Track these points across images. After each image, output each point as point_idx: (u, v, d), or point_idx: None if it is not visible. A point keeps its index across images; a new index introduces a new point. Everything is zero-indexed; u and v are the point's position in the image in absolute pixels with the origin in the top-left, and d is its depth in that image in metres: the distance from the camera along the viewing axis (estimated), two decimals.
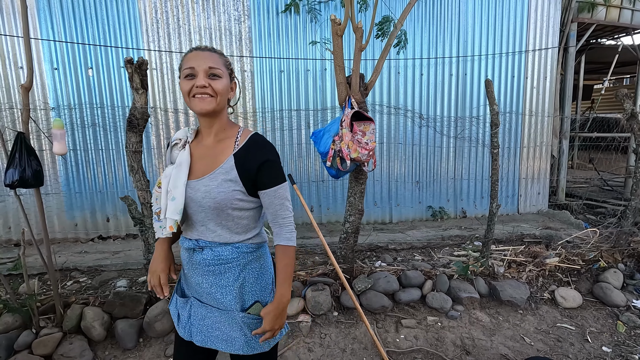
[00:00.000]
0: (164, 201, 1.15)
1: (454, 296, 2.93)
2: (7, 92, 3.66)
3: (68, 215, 3.95)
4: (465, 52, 4.60)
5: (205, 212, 1.14)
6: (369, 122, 2.49)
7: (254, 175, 1.13)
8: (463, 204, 4.94)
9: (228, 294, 1.19)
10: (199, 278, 1.20)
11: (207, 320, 1.21)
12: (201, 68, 1.10)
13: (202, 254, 1.17)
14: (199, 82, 1.09)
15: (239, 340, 1.19)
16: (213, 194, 1.11)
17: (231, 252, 1.17)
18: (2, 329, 2.30)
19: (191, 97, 1.12)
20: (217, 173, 1.13)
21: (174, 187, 1.13)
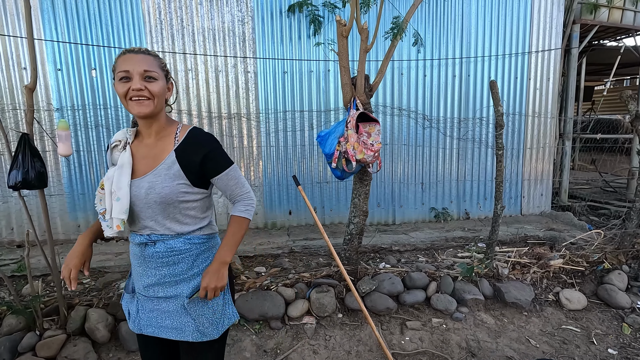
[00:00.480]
0: (108, 202, 1.17)
1: (459, 298, 2.92)
2: (10, 93, 3.66)
3: (71, 217, 3.94)
4: (468, 54, 4.60)
5: (152, 208, 1.17)
6: (374, 123, 2.49)
7: (197, 167, 1.19)
8: (466, 205, 4.93)
9: (181, 282, 1.23)
10: (152, 271, 1.22)
11: (154, 312, 1.24)
12: (136, 71, 1.11)
13: (154, 248, 1.20)
14: (135, 85, 1.11)
15: (189, 327, 1.22)
16: (158, 189, 1.15)
17: (183, 243, 1.22)
18: (5, 330, 2.29)
19: (128, 100, 1.14)
20: (159, 169, 1.17)
21: (118, 188, 1.15)
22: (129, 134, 1.24)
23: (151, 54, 1.17)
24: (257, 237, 4.12)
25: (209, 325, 1.23)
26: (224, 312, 1.27)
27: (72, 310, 2.41)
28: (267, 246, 3.76)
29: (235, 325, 2.56)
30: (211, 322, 1.24)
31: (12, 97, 3.66)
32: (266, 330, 2.57)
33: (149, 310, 1.26)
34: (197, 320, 1.22)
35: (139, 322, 1.27)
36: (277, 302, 2.64)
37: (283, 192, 4.39)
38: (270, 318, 2.60)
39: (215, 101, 4.09)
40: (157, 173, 1.17)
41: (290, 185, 4.36)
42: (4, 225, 3.83)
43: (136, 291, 1.29)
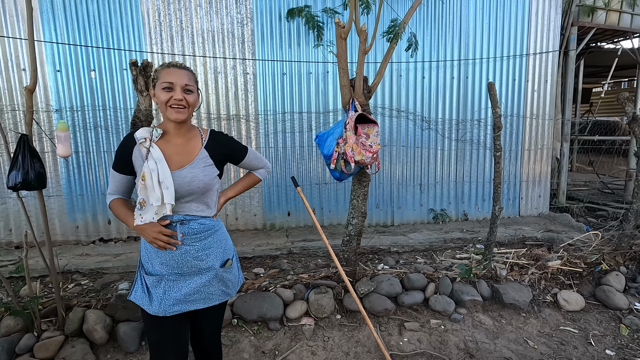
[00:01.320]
0: (157, 192, 1.32)
1: (457, 299, 2.92)
2: (9, 94, 3.66)
3: (69, 218, 3.93)
4: (466, 56, 4.62)
5: (193, 194, 1.40)
6: (372, 125, 2.49)
7: (223, 158, 1.51)
8: (464, 206, 4.94)
9: (211, 254, 1.47)
10: (186, 247, 1.41)
11: (184, 290, 1.41)
12: (179, 84, 1.34)
13: (189, 225, 1.42)
14: (177, 95, 1.34)
15: (216, 293, 1.48)
16: (200, 177, 1.39)
17: (209, 221, 1.48)
18: (3, 332, 2.28)
19: (168, 107, 1.35)
20: (196, 162, 1.41)
21: (165, 178, 1.33)
22: (156, 133, 1.40)
23: (190, 70, 1.41)
24: (255, 238, 4.12)
25: (232, 286, 1.55)
26: (239, 275, 1.62)
27: (70, 312, 2.41)
28: (266, 247, 3.76)
29: (233, 326, 2.56)
30: (233, 283, 1.56)
31: (11, 98, 3.66)
32: (265, 332, 2.57)
33: (177, 289, 1.41)
34: (224, 284, 1.51)
35: (165, 303, 1.39)
36: (275, 303, 2.64)
37: (282, 193, 4.39)
38: (268, 319, 2.60)
39: (215, 102, 4.09)
40: (194, 165, 1.41)
41: (289, 187, 4.36)
42: (2, 226, 3.82)
43: (165, 273, 1.42)
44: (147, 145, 1.37)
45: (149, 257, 1.45)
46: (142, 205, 1.37)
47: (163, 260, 1.41)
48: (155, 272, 1.43)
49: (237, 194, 1.69)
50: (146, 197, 1.35)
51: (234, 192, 1.67)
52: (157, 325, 1.42)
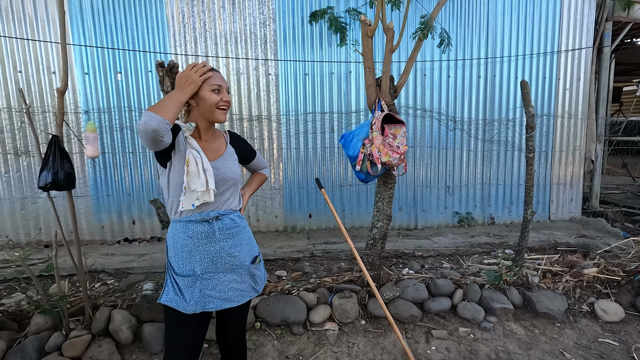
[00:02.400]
0: (202, 177, 1.36)
1: (486, 306, 2.80)
2: (40, 96, 3.76)
3: (95, 218, 4.01)
4: (494, 54, 4.46)
5: (226, 184, 1.47)
6: (399, 125, 2.42)
7: (243, 155, 1.65)
8: (491, 209, 4.77)
9: (242, 250, 1.51)
10: (221, 243, 1.45)
11: (219, 287, 1.45)
12: (224, 87, 1.44)
13: (222, 222, 1.46)
14: (226, 97, 1.43)
15: (247, 289, 1.52)
16: (232, 168, 1.50)
17: (238, 217, 1.54)
18: (33, 330, 2.32)
19: (216, 108, 1.42)
20: (226, 156, 1.51)
21: (208, 167, 1.39)
22: (190, 127, 1.45)
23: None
24: (277, 240, 4.09)
25: (261, 282, 1.60)
26: (265, 272, 1.67)
27: (96, 311, 2.43)
28: (287, 249, 3.73)
29: (257, 329, 2.52)
30: (262, 280, 1.61)
31: (41, 100, 3.76)
32: (288, 336, 2.52)
33: (212, 287, 1.44)
34: (254, 281, 1.55)
35: (203, 300, 1.41)
36: (298, 307, 2.60)
37: (303, 195, 4.35)
38: (292, 323, 2.55)
39: (237, 103, 4.09)
40: (225, 158, 1.51)
41: (310, 188, 4.32)
42: (32, 225, 3.93)
43: (200, 272, 1.43)
44: (187, 135, 1.43)
45: (182, 257, 1.43)
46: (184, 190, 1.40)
47: (197, 259, 1.43)
48: (187, 272, 1.42)
49: (254, 191, 1.79)
50: (192, 182, 1.36)
51: (252, 189, 1.77)
52: (181, 324, 1.43)
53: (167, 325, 1.47)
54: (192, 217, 1.42)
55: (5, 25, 3.65)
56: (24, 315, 2.44)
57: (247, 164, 1.72)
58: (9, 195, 3.84)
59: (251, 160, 1.72)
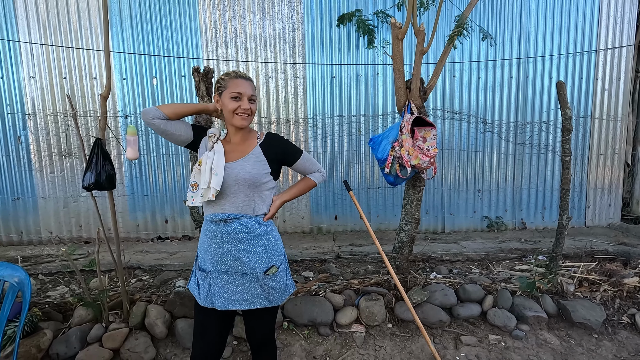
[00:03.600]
0: (207, 176, 1.44)
1: (518, 314, 2.72)
2: (82, 101, 3.99)
3: (131, 216, 4.20)
4: (527, 53, 4.33)
5: (239, 185, 1.47)
6: (430, 128, 2.40)
7: (278, 157, 1.57)
8: (522, 214, 4.62)
9: (253, 257, 1.50)
10: (228, 246, 1.48)
11: (227, 287, 1.48)
12: (246, 94, 1.48)
13: (232, 225, 1.48)
14: (244, 105, 1.48)
15: (258, 297, 1.50)
16: (248, 169, 1.48)
17: (254, 223, 1.51)
18: (76, 321, 2.46)
19: (234, 114, 1.48)
20: (249, 157, 1.51)
21: (217, 166, 1.45)
22: (223, 134, 1.58)
23: (252, 81, 1.55)
24: (303, 241, 4.13)
25: (276, 294, 1.54)
26: (287, 284, 1.61)
27: (133, 305, 2.54)
28: (314, 251, 3.76)
29: (284, 329, 2.57)
30: (278, 292, 1.55)
31: (83, 105, 3.98)
32: (315, 336, 2.55)
33: (220, 286, 1.49)
34: (267, 291, 1.51)
35: (211, 297, 1.49)
36: (325, 308, 2.62)
37: (329, 196, 4.38)
38: (319, 324, 2.58)
39: (265, 106, 4.18)
40: (247, 159, 1.51)
41: (336, 190, 4.34)
42: (74, 223, 4.16)
43: (210, 269, 1.51)
44: (214, 140, 1.53)
45: (201, 252, 1.58)
46: (194, 187, 1.51)
47: (210, 257, 1.52)
48: (204, 267, 1.55)
49: (292, 197, 1.71)
50: (199, 180, 1.48)
51: (289, 195, 1.69)
52: (202, 311, 1.54)
53: (194, 308, 1.60)
54: (208, 216, 1.53)
55: (52, 34, 3.89)
56: (68, 307, 2.59)
57: (291, 165, 1.67)
58: (54, 194, 4.09)
59: (293, 163, 1.65)
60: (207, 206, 1.53)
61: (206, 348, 1.54)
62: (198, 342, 1.55)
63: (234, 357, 2.38)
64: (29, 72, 3.92)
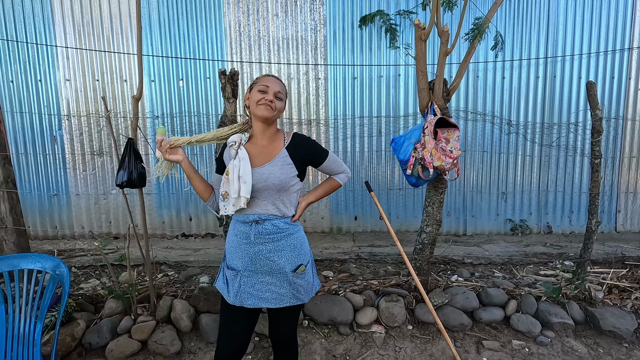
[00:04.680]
0: (235, 185, 1.47)
1: (543, 320, 2.66)
2: (113, 102, 4.16)
3: (157, 214, 4.35)
4: (554, 53, 4.21)
5: (268, 190, 1.49)
6: (453, 129, 2.38)
7: (304, 159, 1.57)
8: (548, 218, 4.49)
9: (283, 256, 1.53)
10: (259, 246, 1.52)
11: (257, 286, 1.52)
12: (272, 89, 1.51)
13: (263, 225, 1.51)
14: (269, 97, 1.50)
15: (287, 295, 1.53)
16: (277, 174, 1.48)
17: (284, 223, 1.55)
18: (107, 313, 2.58)
19: (258, 105, 1.50)
20: (275, 161, 1.51)
21: (244, 174, 1.46)
22: (245, 137, 1.59)
23: (281, 81, 1.58)
24: (322, 241, 4.17)
25: (304, 292, 1.58)
26: (314, 282, 1.64)
27: (160, 300, 2.64)
28: (333, 251, 3.78)
29: (305, 327, 2.60)
30: (305, 289, 1.58)
31: (115, 106, 4.16)
32: (335, 335, 2.58)
33: (250, 285, 1.52)
34: (295, 289, 1.55)
35: (241, 295, 1.52)
36: (345, 307, 2.64)
37: (349, 197, 4.39)
38: (339, 323, 2.60)
39: (287, 107, 4.23)
40: (274, 164, 1.52)
41: (357, 191, 4.35)
42: (104, 219, 4.35)
43: (240, 268, 1.54)
44: (236, 147, 1.54)
45: (230, 252, 1.60)
46: (224, 197, 1.53)
47: (240, 256, 1.55)
48: (234, 266, 1.57)
49: (318, 198, 1.72)
50: (228, 189, 1.51)
51: (314, 196, 1.71)
52: (229, 309, 1.57)
53: (220, 307, 1.63)
54: (238, 217, 1.57)
55: (86, 39, 4.08)
56: (99, 299, 2.72)
57: (317, 166, 1.66)
58: (86, 191, 4.28)
59: (319, 164, 1.64)
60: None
61: (233, 345, 1.57)
62: (225, 340, 1.58)
63: (256, 352, 2.44)
64: (64, 75, 4.12)
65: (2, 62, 4.08)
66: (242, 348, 1.59)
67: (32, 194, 4.24)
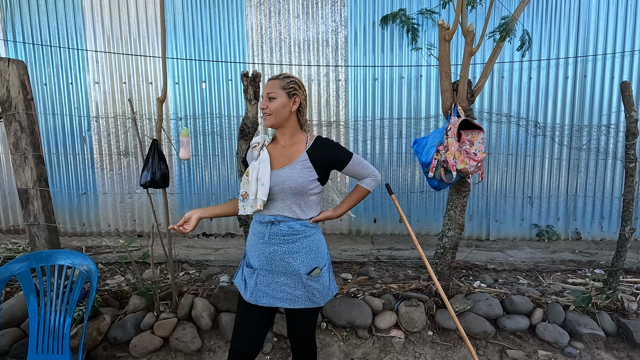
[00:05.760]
0: (254, 187, 1.48)
1: (571, 331, 2.55)
2: (139, 104, 4.29)
3: (179, 213, 4.44)
4: (585, 52, 4.04)
5: (285, 193, 1.49)
6: (477, 131, 2.32)
7: (326, 163, 1.54)
8: (577, 224, 4.31)
9: (297, 258, 1.53)
10: (274, 247, 1.53)
11: (272, 285, 1.53)
12: (264, 94, 1.51)
13: (279, 227, 1.52)
14: (262, 104, 1.52)
15: (302, 297, 1.53)
16: (294, 178, 1.48)
17: (300, 225, 1.54)
18: (131, 309, 2.65)
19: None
20: (295, 164, 1.50)
21: (262, 176, 1.47)
22: (268, 138, 1.60)
23: (279, 78, 1.53)
24: (341, 243, 4.15)
25: (319, 295, 1.56)
26: (330, 286, 1.62)
27: (181, 297, 2.69)
28: (352, 253, 3.76)
29: (323, 329, 2.59)
30: (321, 293, 1.57)
31: (140, 108, 4.29)
32: (353, 338, 2.55)
33: (266, 284, 1.54)
34: (310, 292, 1.54)
35: (256, 294, 1.54)
36: (364, 311, 2.61)
37: (369, 199, 4.36)
38: (357, 326, 2.58)
39: (307, 109, 4.24)
40: (293, 167, 1.51)
41: (376, 193, 4.31)
42: (128, 217, 4.49)
43: (257, 267, 1.56)
44: (259, 149, 1.56)
45: (249, 250, 1.63)
46: (244, 197, 1.55)
47: (257, 255, 1.58)
48: (252, 264, 1.60)
49: (347, 210, 1.69)
50: (248, 190, 1.53)
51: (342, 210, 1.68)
52: (245, 307, 1.59)
53: (236, 307, 1.65)
54: (257, 217, 1.60)
55: (114, 43, 4.23)
56: (124, 295, 2.80)
57: (341, 170, 1.61)
58: (112, 190, 4.43)
59: (343, 167, 1.59)
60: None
61: (247, 343, 1.58)
62: (239, 337, 1.59)
63: (274, 353, 2.45)
64: (94, 78, 4.28)
65: (37, 66, 4.28)
66: (256, 346, 1.60)
67: (63, 193, 4.42)
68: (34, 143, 2.38)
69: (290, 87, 1.52)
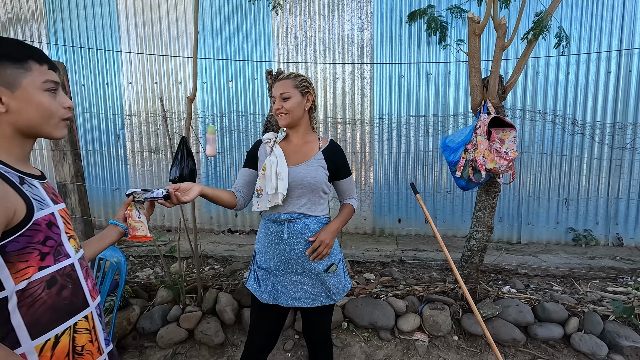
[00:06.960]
0: (273, 181, 1.47)
1: (610, 342, 2.39)
2: (169, 103, 4.43)
3: (206, 209, 4.55)
4: (630, 44, 3.77)
5: (303, 189, 1.50)
6: (509, 129, 2.21)
7: (334, 167, 1.58)
8: (618, 228, 4.05)
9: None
10: (292, 246, 1.51)
11: (290, 285, 1.53)
12: (277, 95, 1.52)
13: (295, 225, 1.51)
14: (276, 105, 1.53)
15: (320, 294, 1.55)
16: (312, 174, 1.50)
17: (315, 222, 1.54)
18: (159, 301, 2.74)
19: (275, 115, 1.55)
20: (311, 162, 1.53)
21: (282, 170, 1.47)
22: (281, 135, 1.60)
23: (290, 78, 1.54)
24: (364, 242, 4.10)
25: (336, 291, 1.58)
26: (345, 282, 1.65)
27: (206, 292, 2.75)
28: (375, 253, 3.71)
29: (344, 329, 2.57)
30: (337, 289, 1.59)
31: (170, 106, 4.42)
32: (375, 340, 2.51)
33: (283, 284, 1.54)
34: (328, 289, 1.56)
35: (275, 294, 1.54)
36: (387, 312, 2.57)
37: (393, 199, 4.28)
38: (379, 328, 2.53)
39: (332, 107, 4.23)
40: (309, 164, 1.54)
41: (401, 193, 4.23)
42: (158, 212, 4.64)
43: (273, 268, 1.55)
44: (271, 145, 1.56)
45: (261, 251, 1.60)
46: (259, 192, 1.54)
47: (272, 256, 1.55)
48: (265, 266, 1.57)
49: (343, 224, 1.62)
50: (263, 186, 1.51)
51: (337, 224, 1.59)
52: (260, 308, 1.59)
53: (250, 306, 1.67)
54: (269, 216, 1.56)
55: (147, 44, 4.39)
56: (152, 287, 2.90)
57: (338, 179, 1.63)
58: (142, 186, 4.60)
59: (342, 178, 1.62)
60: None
61: (263, 341, 1.61)
62: (255, 336, 1.61)
63: (295, 350, 2.45)
64: (127, 78, 4.46)
65: (76, 68, 4.50)
66: (272, 343, 1.64)
67: (97, 187, 4.64)
68: (72, 140, 2.51)
69: (303, 85, 1.53)
